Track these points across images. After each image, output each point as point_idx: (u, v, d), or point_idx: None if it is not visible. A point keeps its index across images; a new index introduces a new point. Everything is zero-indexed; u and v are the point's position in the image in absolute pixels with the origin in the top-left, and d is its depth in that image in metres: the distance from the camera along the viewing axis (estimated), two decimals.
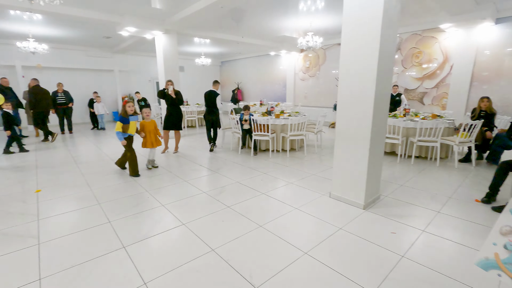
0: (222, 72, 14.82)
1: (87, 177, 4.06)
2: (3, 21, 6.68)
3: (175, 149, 5.71)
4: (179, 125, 5.53)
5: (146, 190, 3.56)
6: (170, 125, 5.45)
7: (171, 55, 7.00)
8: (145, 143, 4.37)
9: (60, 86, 8.13)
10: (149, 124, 4.36)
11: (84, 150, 5.93)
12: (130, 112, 3.97)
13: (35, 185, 3.77)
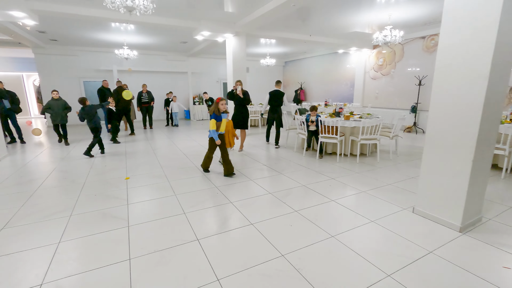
0: (285, 72, 14.76)
1: (165, 170, 4.48)
2: (105, 33, 7.95)
3: (240, 147, 5.86)
4: (246, 124, 5.65)
5: (215, 186, 3.72)
6: (236, 124, 5.62)
7: (240, 57, 7.24)
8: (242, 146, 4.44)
9: (144, 87, 9.25)
10: (226, 124, 4.31)
11: (161, 145, 6.61)
12: (223, 109, 3.94)
13: (125, 173, 4.34)
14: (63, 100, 6.48)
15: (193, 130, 9.07)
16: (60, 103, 6.38)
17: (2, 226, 2.64)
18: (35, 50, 9.37)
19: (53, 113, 6.29)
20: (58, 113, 6.33)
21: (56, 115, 6.34)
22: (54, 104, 6.30)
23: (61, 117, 6.41)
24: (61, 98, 6.49)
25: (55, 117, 6.35)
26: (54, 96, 6.35)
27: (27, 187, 3.71)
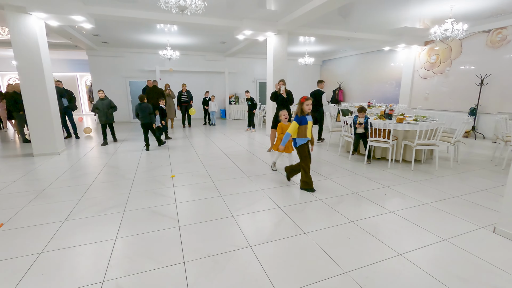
0: (322, 71, 14.27)
1: (208, 169, 4.48)
2: (150, 34, 8.29)
3: (274, 147, 5.70)
4: None
5: (260, 188, 3.60)
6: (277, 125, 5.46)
7: (281, 55, 7.07)
8: (277, 146, 3.97)
9: (184, 86, 9.50)
10: (287, 127, 3.90)
11: (201, 143, 6.69)
12: (308, 110, 3.29)
13: (169, 171, 4.42)
14: (108, 100, 6.49)
15: (230, 129, 9.11)
16: (105, 103, 6.40)
17: (64, 218, 2.78)
18: (89, 52, 10.12)
19: (100, 112, 6.38)
20: (104, 113, 6.39)
21: (102, 115, 6.40)
22: (100, 103, 6.35)
23: (106, 116, 6.44)
24: (107, 97, 6.52)
25: (101, 116, 6.41)
26: (100, 96, 6.36)
27: (83, 181, 3.92)
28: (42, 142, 5.39)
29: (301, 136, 3.36)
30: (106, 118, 6.46)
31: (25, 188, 3.64)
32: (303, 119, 3.30)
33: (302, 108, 3.31)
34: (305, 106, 3.30)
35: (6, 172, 4.34)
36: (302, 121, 3.30)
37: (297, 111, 3.35)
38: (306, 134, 3.35)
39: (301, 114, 3.29)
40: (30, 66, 5.08)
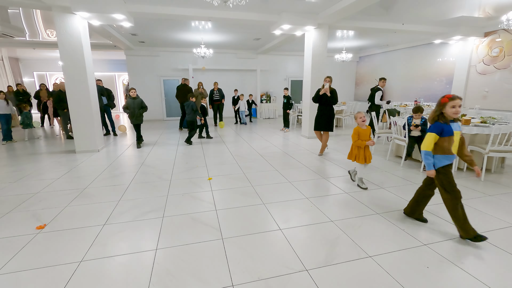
0: (359, 68, 13.43)
1: (246, 172, 4.22)
2: (185, 32, 8.25)
3: (321, 151, 5.29)
4: (331, 126, 5.04)
5: (306, 197, 3.25)
6: (321, 126, 5.06)
7: (320, 51, 6.61)
8: (354, 155, 3.49)
9: (216, 84, 9.38)
10: (365, 133, 3.40)
11: (235, 143, 6.48)
12: (454, 115, 2.22)
13: (206, 172, 4.23)
14: (139, 99, 5.99)
15: (262, 129, 8.83)
16: (136, 102, 5.91)
17: (104, 222, 2.66)
18: (127, 52, 10.43)
19: (130, 112, 5.90)
20: (134, 113, 5.88)
21: (131, 115, 5.90)
22: (131, 103, 5.87)
23: (136, 117, 5.93)
24: (139, 96, 6.04)
25: (131, 117, 5.93)
26: (132, 95, 5.90)
27: (121, 180, 3.87)
28: (83, 139, 5.52)
29: (444, 152, 2.28)
30: (136, 119, 5.96)
31: (67, 186, 3.65)
32: (446, 128, 2.24)
33: (445, 111, 2.24)
34: (449, 109, 2.21)
35: (51, 169, 4.44)
36: (444, 130, 2.25)
37: (433, 116, 2.35)
38: (451, 149, 2.28)
39: (443, 121, 2.27)
40: (73, 65, 5.20)
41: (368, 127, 3.47)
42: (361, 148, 3.43)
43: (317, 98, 4.99)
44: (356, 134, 3.42)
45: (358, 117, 3.44)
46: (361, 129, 3.41)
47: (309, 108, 6.86)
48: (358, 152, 3.46)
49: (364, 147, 3.41)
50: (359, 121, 3.44)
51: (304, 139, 6.97)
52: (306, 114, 7.01)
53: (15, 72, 13.11)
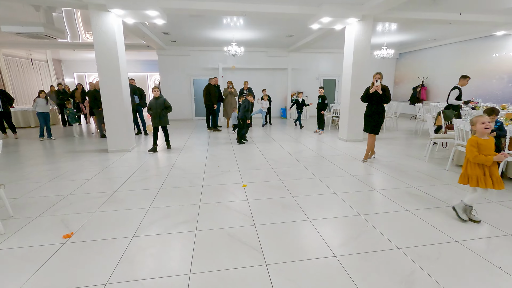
0: (399, 66, 12.40)
1: (283, 179, 3.81)
2: (216, 30, 8.03)
3: (365, 156, 4.72)
4: (378, 128, 4.46)
5: (358, 213, 2.76)
6: (367, 127, 4.50)
7: (363, 46, 6.00)
8: (472, 177, 2.44)
9: (246, 84, 9.07)
10: (487, 145, 2.39)
11: (266, 145, 6.09)
12: None
13: (239, 177, 3.88)
14: (162, 98, 5.41)
15: (293, 130, 8.35)
16: (159, 102, 5.36)
17: (133, 233, 2.41)
18: (159, 51, 10.51)
19: (152, 114, 5.42)
20: (157, 114, 5.38)
21: (154, 116, 5.40)
22: (153, 103, 5.37)
23: (159, 118, 5.41)
24: (162, 95, 5.48)
25: (154, 118, 5.41)
26: (154, 94, 5.37)
27: (151, 184, 3.65)
28: (116, 138, 5.48)
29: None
30: (159, 120, 5.42)
31: (97, 188, 3.50)
32: None
33: None
34: None
35: (84, 169, 4.38)
36: None
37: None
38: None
39: None
40: (107, 64, 5.15)
41: (491, 137, 2.47)
42: (485, 167, 2.40)
43: (366, 97, 4.43)
44: (474, 146, 2.39)
45: (479, 122, 2.41)
46: (482, 140, 2.40)
47: (348, 108, 6.27)
48: (479, 171, 2.41)
49: (490, 164, 2.38)
50: (480, 128, 2.41)
51: (342, 142, 6.39)
52: (345, 115, 6.42)
53: (58, 73, 13.92)
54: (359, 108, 6.23)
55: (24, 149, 5.95)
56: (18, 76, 11.56)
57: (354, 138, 6.41)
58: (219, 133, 7.94)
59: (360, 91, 6.10)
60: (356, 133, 6.41)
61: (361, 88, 6.11)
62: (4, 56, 10.83)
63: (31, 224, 2.58)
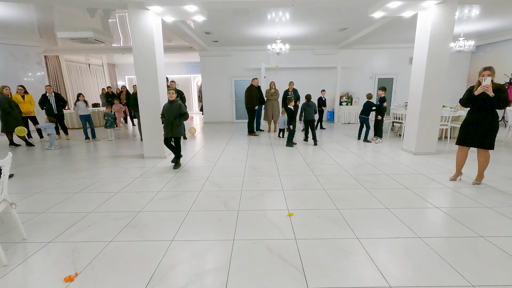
0: (474, 61, 10.35)
1: (340, 207, 2.95)
2: (259, 26, 7.39)
3: (478, 177, 3.57)
4: (491, 141, 3.29)
5: (471, 283, 1.81)
6: (473, 139, 3.38)
7: (443, 35, 4.76)
8: None
9: (291, 84, 8.27)
10: None
11: (314, 156, 5.24)
12: None
13: (283, 201, 3.14)
14: (178, 103, 4.24)
15: (343, 136, 7.29)
16: (174, 107, 4.22)
17: (148, 279, 1.84)
18: (201, 53, 10.31)
19: (164, 121, 4.34)
20: (169, 122, 4.25)
21: (166, 124, 4.29)
22: (167, 108, 4.28)
23: (171, 127, 4.24)
24: (178, 99, 4.29)
25: (165, 127, 4.33)
26: (169, 97, 4.21)
27: (180, 204, 3.12)
28: (151, 144, 5.18)
29: None
30: (171, 129, 4.26)
31: (122, 206, 3.08)
32: None
33: None
34: None
35: (116, 178, 4.09)
36: None
37: None
38: None
39: None
40: (144, 66, 4.86)
41: None
42: None
43: (468, 100, 3.32)
44: None
45: None
46: None
47: (418, 114, 5.08)
48: None
49: None
50: None
51: (408, 155, 5.21)
52: (414, 122, 5.22)
53: (111, 76, 14.83)
54: (433, 114, 5.01)
55: (68, 151, 6.05)
56: (77, 79, 12.49)
57: (424, 150, 5.18)
58: (258, 139, 7.29)
59: (437, 92, 4.89)
60: (428, 145, 5.17)
61: (438, 89, 4.89)
62: (66, 61, 11.77)
63: (40, 253, 2.20)
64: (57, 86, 11.39)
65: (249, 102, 7.48)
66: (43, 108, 7.17)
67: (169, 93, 4.23)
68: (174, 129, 4.29)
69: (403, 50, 10.34)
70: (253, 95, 7.41)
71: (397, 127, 7.08)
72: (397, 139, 6.87)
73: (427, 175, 3.99)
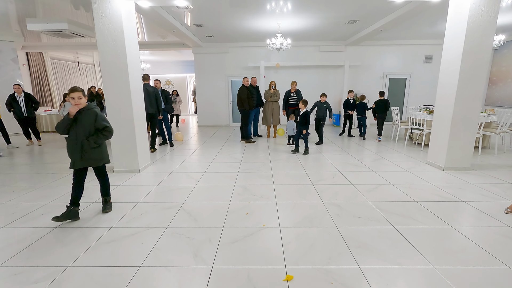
0: (497, 59, 9.32)
1: (359, 257, 2.00)
2: (258, 18, 6.47)
3: None
4: None
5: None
6: None
7: (484, 23, 3.80)
8: None
9: (294, 85, 7.34)
10: None
11: (321, 171, 4.29)
12: None
13: (279, 247, 2.20)
14: (93, 110, 2.61)
15: (355, 145, 6.34)
16: (85, 120, 2.58)
17: None
18: (195, 49, 9.42)
19: (70, 143, 2.61)
20: (76, 145, 2.58)
21: (72, 148, 2.59)
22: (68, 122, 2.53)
23: (82, 150, 2.59)
24: (93, 105, 2.65)
25: (71, 152, 2.61)
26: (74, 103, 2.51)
27: (133, 249, 2.20)
28: (122, 156, 4.27)
29: None
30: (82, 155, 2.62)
31: (59, 247, 2.17)
32: None
33: None
34: None
35: (64, 203, 3.18)
36: None
37: None
38: None
39: None
40: (112, 60, 3.96)
41: None
42: None
43: None
44: None
45: None
46: None
47: (450, 121, 4.11)
48: None
49: None
50: None
51: (436, 171, 4.25)
52: (444, 131, 4.26)
53: None
54: (469, 121, 4.05)
55: (21, 161, 5.16)
56: (65, 79, 11.66)
57: (457, 165, 4.22)
58: (255, 146, 6.36)
59: (475, 94, 3.93)
60: (461, 159, 4.21)
61: (477, 90, 3.93)
62: (51, 59, 10.95)
63: None
64: (41, 85, 10.56)
65: (240, 104, 6.57)
66: (10, 110, 6.32)
67: (72, 99, 2.49)
68: (87, 153, 2.61)
69: (417, 47, 9.36)
70: (243, 98, 6.46)
71: (417, 135, 6.11)
72: (416, 148, 5.90)
73: (471, 204, 3.03)
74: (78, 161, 2.63)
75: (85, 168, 2.71)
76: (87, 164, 2.69)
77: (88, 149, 2.60)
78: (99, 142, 2.67)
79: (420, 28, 7.70)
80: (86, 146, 2.59)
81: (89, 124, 2.60)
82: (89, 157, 2.65)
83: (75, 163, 2.64)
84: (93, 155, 2.67)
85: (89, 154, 2.64)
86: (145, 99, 5.36)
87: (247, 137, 6.80)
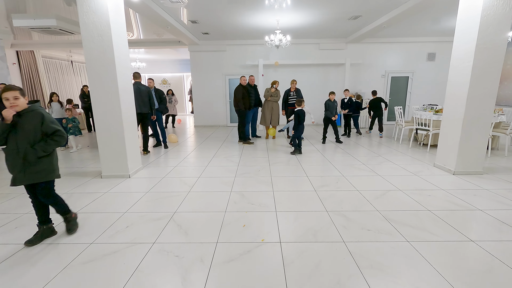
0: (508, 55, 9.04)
1: (373, 281, 1.74)
2: (257, 13, 6.19)
3: None
4: None
5: None
6: None
7: (499, 16, 3.53)
8: None
9: (293, 83, 7.07)
10: None
11: (323, 175, 4.02)
12: None
13: (279, 262, 1.93)
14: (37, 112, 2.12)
15: (356, 145, 6.07)
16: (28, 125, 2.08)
17: None
18: (191, 47, 9.12)
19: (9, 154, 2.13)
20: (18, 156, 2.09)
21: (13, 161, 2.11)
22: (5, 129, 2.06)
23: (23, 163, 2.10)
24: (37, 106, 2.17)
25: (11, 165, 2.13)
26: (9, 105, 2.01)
27: (112, 271, 1.92)
28: (110, 159, 3.99)
29: None
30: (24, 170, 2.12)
31: (30, 275, 1.90)
32: None
33: None
34: None
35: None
36: None
37: None
38: None
39: None
40: (98, 56, 3.67)
41: None
42: None
43: None
44: None
45: None
46: None
47: (461, 121, 3.85)
48: None
49: None
50: None
51: (446, 174, 3.99)
52: (455, 132, 3.99)
53: None
54: (482, 121, 3.80)
55: None
56: (57, 78, 11.33)
57: (468, 168, 3.96)
58: (254, 148, 6.08)
59: (489, 93, 3.68)
60: (473, 161, 3.95)
61: (491, 89, 3.67)
62: (43, 58, 10.61)
63: None
64: (32, 85, 10.23)
65: (235, 104, 6.30)
66: None
67: (6, 100, 2.00)
68: (32, 166, 2.13)
69: (419, 44, 9.10)
70: (238, 97, 6.18)
71: (422, 136, 5.85)
72: (421, 150, 5.64)
73: (488, 213, 2.77)
74: (21, 176, 2.11)
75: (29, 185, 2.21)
76: (33, 179, 2.14)
77: (33, 159, 2.08)
78: (49, 150, 2.16)
79: (423, 25, 7.45)
80: (30, 156, 2.07)
81: (33, 128, 2.08)
82: (35, 170, 2.13)
83: (16, 180, 2.12)
84: (41, 166, 2.14)
85: (35, 167, 2.12)
86: (137, 98, 5.08)
87: (245, 138, 6.52)
